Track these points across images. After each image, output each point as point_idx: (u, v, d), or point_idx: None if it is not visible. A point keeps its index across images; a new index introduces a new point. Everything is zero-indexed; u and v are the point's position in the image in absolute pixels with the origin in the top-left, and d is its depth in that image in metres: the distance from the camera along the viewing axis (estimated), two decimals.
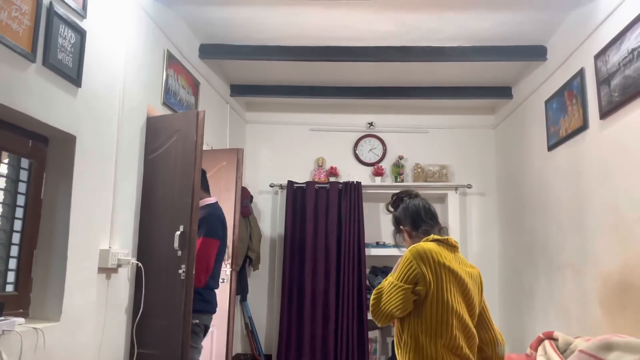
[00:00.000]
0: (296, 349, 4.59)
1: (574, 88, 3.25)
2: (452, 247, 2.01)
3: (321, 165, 5.13)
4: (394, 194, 2.22)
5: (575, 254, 3.22)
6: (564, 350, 2.49)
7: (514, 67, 4.12)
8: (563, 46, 3.46)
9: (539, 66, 3.90)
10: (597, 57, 2.93)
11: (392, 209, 2.19)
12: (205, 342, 3.55)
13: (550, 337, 2.60)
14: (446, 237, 2.03)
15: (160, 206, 2.89)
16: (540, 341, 2.63)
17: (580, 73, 3.15)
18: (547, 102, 3.69)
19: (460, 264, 1.98)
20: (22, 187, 2.22)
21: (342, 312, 4.58)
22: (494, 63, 3.99)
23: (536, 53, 3.77)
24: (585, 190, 3.12)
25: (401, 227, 2.13)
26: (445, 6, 3.28)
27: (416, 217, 2.10)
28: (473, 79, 4.46)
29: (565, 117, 3.36)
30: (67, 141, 2.30)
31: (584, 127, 3.11)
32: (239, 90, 4.75)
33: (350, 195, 4.80)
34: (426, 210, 2.11)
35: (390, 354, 4.74)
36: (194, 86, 3.78)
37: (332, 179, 5.03)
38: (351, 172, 5.10)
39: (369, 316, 4.60)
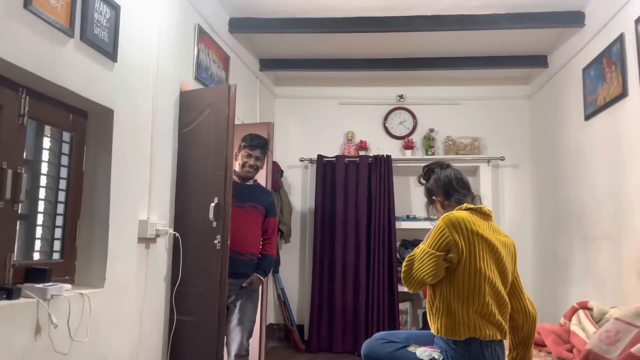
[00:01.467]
0: (328, 319, 4.67)
1: (613, 54, 3.14)
2: (485, 215, 2.01)
3: (351, 139, 5.13)
4: (425, 166, 2.22)
5: (612, 224, 3.16)
6: (598, 320, 2.48)
7: (550, 34, 3.99)
8: (601, 11, 3.34)
9: (575, 33, 3.78)
10: (638, 21, 2.82)
11: (423, 181, 2.19)
12: None
13: (584, 307, 2.58)
14: (479, 206, 2.03)
15: (195, 179, 2.95)
16: (574, 311, 2.61)
17: (620, 39, 3.04)
18: (584, 69, 3.58)
19: (493, 232, 1.98)
20: (64, 160, 2.30)
21: (373, 284, 4.63)
22: (529, 31, 3.87)
23: (573, 19, 3.65)
24: (623, 159, 3.04)
25: (433, 197, 2.13)
26: None
27: (448, 186, 2.10)
28: (506, 47, 4.35)
29: (604, 84, 3.27)
30: (106, 115, 2.37)
31: (623, 94, 3.01)
32: (268, 64, 4.76)
33: (380, 169, 4.80)
34: (458, 179, 2.11)
35: (421, 326, 4.78)
36: (225, 61, 3.81)
37: (361, 153, 5.02)
38: (381, 146, 5.09)
39: (400, 288, 4.64)
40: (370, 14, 3.79)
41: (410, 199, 5.08)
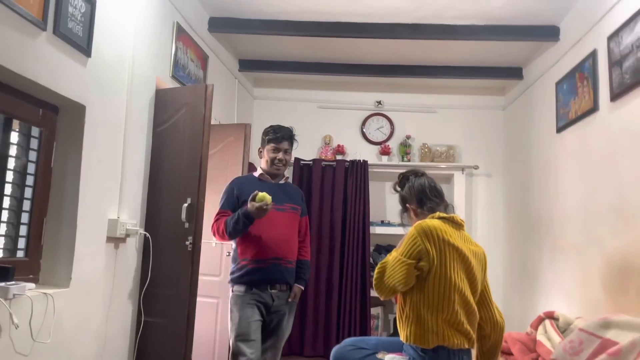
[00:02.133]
0: (299, 323, 4.65)
1: (585, 69, 3.21)
2: (457, 224, 2.03)
3: (328, 143, 5.13)
4: (400, 174, 2.24)
5: (579, 236, 3.23)
6: (564, 330, 2.52)
7: (526, 47, 4.07)
8: (576, 26, 3.42)
9: (550, 47, 3.86)
10: (610, 38, 2.90)
11: (398, 189, 2.21)
12: (211, 313, 3.62)
13: (551, 316, 2.63)
14: (452, 215, 2.05)
15: (168, 178, 2.91)
16: (540, 320, 2.66)
17: (593, 54, 3.11)
18: (557, 83, 3.65)
19: (464, 242, 2.00)
20: (32, 156, 2.24)
21: (346, 288, 4.63)
22: (505, 43, 3.94)
23: (549, 33, 3.72)
24: (592, 172, 3.11)
25: (407, 205, 2.15)
26: None
27: (422, 195, 2.11)
28: (484, 58, 4.42)
29: (576, 98, 3.34)
30: (77, 110, 2.32)
31: (594, 109, 3.08)
32: (247, 65, 4.73)
33: (356, 174, 4.81)
34: (431, 188, 2.13)
35: (392, 331, 4.80)
36: (203, 60, 3.77)
37: (338, 157, 5.03)
38: (358, 151, 5.10)
39: (372, 293, 4.65)
40: (351, 19, 3.80)
41: (385, 205, 5.10)
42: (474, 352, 2.06)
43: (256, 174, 2.78)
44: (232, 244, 2.73)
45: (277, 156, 2.72)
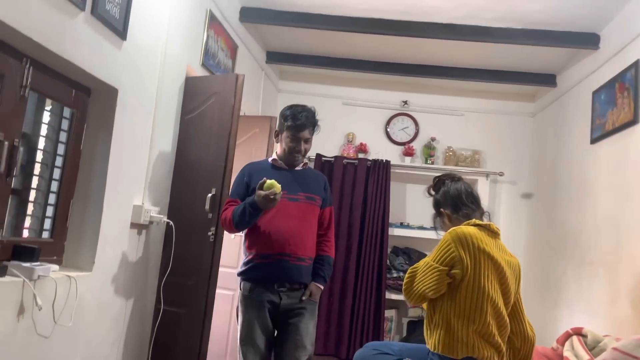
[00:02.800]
0: None
1: (626, 80, 3.11)
2: (493, 233, 1.97)
3: (351, 141, 5.07)
4: (436, 177, 2.17)
5: (610, 251, 3.14)
6: (592, 348, 2.44)
7: (562, 53, 3.96)
8: (618, 36, 3.31)
9: (589, 55, 3.75)
10: None
11: (433, 192, 2.14)
12: (227, 305, 3.59)
13: (579, 332, 2.55)
14: (488, 223, 1.98)
15: (194, 167, 2.88)
16: (567, 336, 2.58)
17: (636, 65, 3.01)
18: (594, 92, 3.55)
19: (500, 251, 1.94)
20: (62, 137, 2.22)
21: (361, 289, 4.57)
22: (541, 48, 3.84)
23: (588, 41, 3.62)
24: (627, 187, 3.01)
25: (441, 210, 2.08)
26: None
27: (457, 200, 2.05)
28: (517, 63, 4.32)
29: (614, 109, 3.24)
30: (109, 93, 2.29)
31: (633, 121, 2.98)
32: (275, 57, 4.68)
33: (378, 174, 4.74)
34: (468, 193, 2.06)
35: (404, 334, 4.74)
36: (233, 49, 3.73)
37: (360, 155, 4.97)
38: (380, 150, 5.03)
39: (387, 295, 4.60)
40: (385, 16, 3.73)
41: (405, 206, 5.03)
42: None
43: (271, 159, 2.48)
44: (241, 235, 2.50)
45: (296, 147, 2.39)
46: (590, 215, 3.47)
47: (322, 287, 2.41)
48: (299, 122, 2.37)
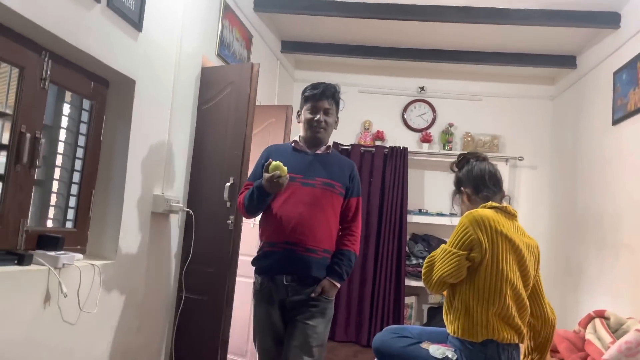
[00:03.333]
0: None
1: None
2: (510, 215, 1.95)
3: (368, 129, 5.05)
4: (460, 154, 2.14)
5: (634, 234, 3.08)
6: (615, 330, 2.42)
7: (582, 34, 3.88)
8: (639, 13, 3.22)
9: (609, 34, 3.67)
10: None
11: (456, 169, 2.11)
12: (248, 293, 3.63)
13: (601, 315, 2.52)
14: (505, 205, 1.96)
15: (212, 157, 2.91)
16: (590, 319, 2.55)
17: None
18: (616, 72, 3.47)
19: (518, 233, 1.92)
20: (83, 128, 2.26)
21: (380, 276, 4.59)
22: (560, 29, 3.77)
23: (609, 20, 3.53)
24: None
25: (462, 188, 2.06)
26: None
27: (479, 181, 2.02)
28: (535, 45, 4.24)
29: (636, 89, 3.17)
30: (127, 85, 2.32)
31: None
32: (290, 46, 4.68)
33: (395, 161, 4.73)
34: (491, 175, 2.03)
35: (425, 321, 4.74)
36: (247, 39, 3.74)
37: (377, 143, 4.95)
38: (398, 137, 5.01)
39: (407, 282, 4.60)
40: (399, 0, 3.70)
41: (424, 193, 5.01)
42: (522, 347, 1.99)
43: (292, 141, 2.27)
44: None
45: (315, 117, 2.17)
46: (612, 197, 3.41)
47: (337, 285, 2.10)
48: (317, 90, 2.19)
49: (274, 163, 1.99)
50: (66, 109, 2.19)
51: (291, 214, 2.07)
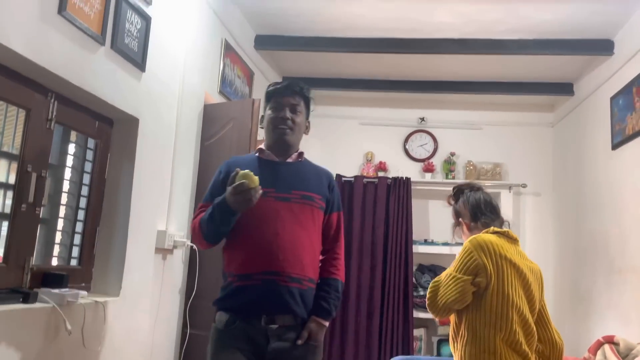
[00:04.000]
0: (339, 341, 4.57)
1: None
2: (512, 239, 1.96)
3: (370, 160, 5.09)
4: (455, 186, 2.18)
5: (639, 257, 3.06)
6: (625, 356, 2.37)
7: (577, 61, 3.95)
8: (632, 40, 3.29)
9: (604, 61, 3.73)
10: None
11: (452, 202, 2.15)
12: None
13: (610, 341, 2.48)
14: (506, 230, 1.97)
15: None
16: (599, 345, 2.51)
17: None
18: (612, 98, 3.52)
19: (521, 258, 1.92)
20: (87, 167, 2.31)
21: (388, 308, 4.53)
22: (555, 58, 3.84)
23: (602, 47, 3.60)
24: None
25: (460, 219, 2.09)
26: None
27: (476, 209, 2.05)
28: (532, 74, 4.31)
29: (633, 113, 3.20)
30: (131, 123, 2.38)
31: None
32: None
33: (398, 191, 4.74)
34: (487, 203, 2.06)
35: (435, 354, 4.66)
36: (249, 76, 3.83)
37: (380, 174, 4.98)
38: (400, 168, 5.03)
39: (415, 313, 4.54)
40: (396, 35, 3.79)
41: (429, 223, 5.00)
42: None
43: (258, 152, 1.90)
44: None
45: (279, 114, 1.82)
46: (617, 221, 3.40)
47: (326, 324, 1.76)
48: (281, 84, 1.88)
49: (242, 172, 1.60)
50: (71, 148, 2.24)
51: (267, 236, 1.68)
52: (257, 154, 1.89)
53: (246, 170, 1.61)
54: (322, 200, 1.83)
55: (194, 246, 2.82)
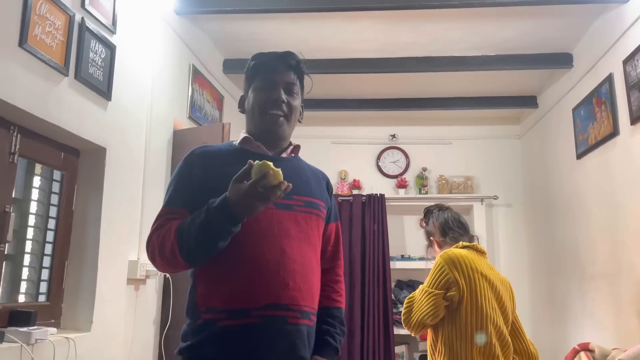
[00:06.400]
0: None
1: (602, 94, 3.19)
2: (480, 252, 1.99)
3: (344, 178, 5.12)
4: (425, 208, 2.23)
5: (609, 264, 3.13)
6: None
7: (539, 75, 4.07)
8: (590, 52, 3.41)
9: (564, 74, 3.85)
10: (626, 62, 2.88)
11: (424, 225, 2.20)
12: None
13: (586, 348, 2.52)
14: (473, 244, 2.01)
15: None
16: (575, 353, 2.54)
17: (609, 79, 3.10)
18: (574, 109, 3.63)
19: (491, 270, 1.95)
20: (54, 199, 2.26)
21: (368, 327, 4.52)
22: (518, 72, 3.95)
23: (562, 60, 3.73)
24: (617, 197, 3.04)
25: (432, 238, 2.13)
26: (467, 15, 3.27)
27: (444, 226, 2.10)
28: (497, 88, 4.42)
29: (594, 124, 3.30)
30: (98, 153, 2.35)
31: (614, 133, 3.04)
32: None
33: (373, 208, 4.77)
34: (454, 219, 2.11)
35: None
36: (219, 101, 3.83)
37: (355, 192, 5.00)
38: (374, 185, 5.07)
39: (396, 330, 4.53)
40: (364, 55, 3.86)
41: (405, 239, 5.03)
42: None
43: (237, 141, 1.47)
44: (189, 277, 1.38)
45: (272, 95, 1.41)
46: (585, 229, 3.48)
47: None
48: (269, 57, 1.46)
49: (258, 163, 1.16)
50: (36, 181, 2.19)
51: (271, 256, 1.25)
52: (237, 144, 1.44)
53: (263, 161, 1.16)
54: (325, 208, 1.45)
55: (167, 275, 2.77)
